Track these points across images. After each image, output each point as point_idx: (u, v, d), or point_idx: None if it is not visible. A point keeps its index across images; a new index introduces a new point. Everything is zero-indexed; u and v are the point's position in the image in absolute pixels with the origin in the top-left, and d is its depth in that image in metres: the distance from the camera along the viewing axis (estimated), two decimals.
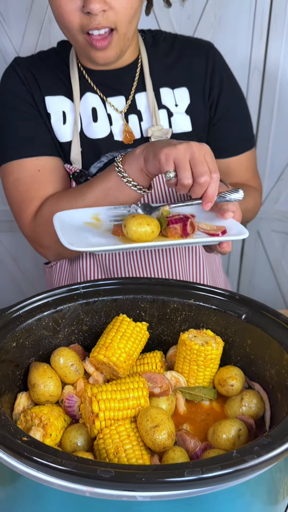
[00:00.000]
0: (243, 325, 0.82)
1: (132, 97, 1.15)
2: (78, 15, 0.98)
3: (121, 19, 0.99)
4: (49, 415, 0.74)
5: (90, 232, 0.95)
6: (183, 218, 0.91)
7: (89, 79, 1.15)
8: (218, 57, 1.20)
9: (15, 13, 1.67)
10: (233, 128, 1.22)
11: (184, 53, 1.18)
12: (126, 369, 0.82)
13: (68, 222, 0.95)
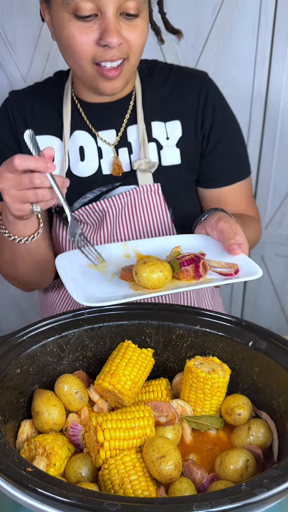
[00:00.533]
0: (251, 352, 0.81)
1: (124, 129, 1.15)
2: (92, 47, 0.97)
3: (133, 51, 1.00)
4: (53, 444, 0.72)
5: (96, 277, 0.91)
6: (195, 258, 0.88)
7: (82, 113, 1.15)
8: (212, 88, 1.19)
9: (23, 41, 1.71)
10: (226, 158, 1.20)
11: (179, 85, 1.17)
12: (131, 397, 0.80)
13: (70, 266, 0.92)
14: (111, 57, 0.97)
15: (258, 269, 0.87)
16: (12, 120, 1.16)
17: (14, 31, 1.70)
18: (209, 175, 1.21)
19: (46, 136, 1.15)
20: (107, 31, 0.94)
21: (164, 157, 1.16)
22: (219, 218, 0.97)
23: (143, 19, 0.99)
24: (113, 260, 0.95)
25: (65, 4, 0.95)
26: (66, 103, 1.15)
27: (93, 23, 0.96)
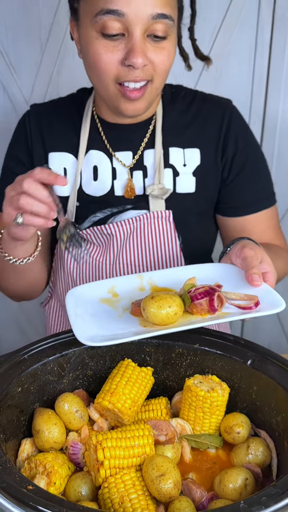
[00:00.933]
0: (249, 371, 0.82)
1: (141, 152, 1.14)
2: (116, 66, 0.97)
3: (158, 73, 0.99)
4: (54, 463, 0.73)
5: (106, 313, 0.86)
6: (209, 291, 0.81)
7: (101, 132, 1.15)
8: (235, 116, 1.17)
9: (25, 65, 1.75)
10: (249, 186, 1.17)
11: (201, 113, 1.15)
12: (131, 416, 0.81)
13: (81, 301, 0.88)
14: (134, 77, 0.96)
15: (281, 301, 0.80)
16: (28, 135, 1.17)
17: (18, 55, 1.74)
18: (231, 203, 1.18)
19: (61, 153, 1.16)
20: (132, 51, 0.94)
21: (179, 184, 1.14)
22: (244, 245, 0.91)
23: (171, 43, 0.99)
24: (126, 293, 0.90)
25: (93, 22, 0.95)
26: (86, 121, 1.14)
27: (119, 42, 0.95)
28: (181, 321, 0.80)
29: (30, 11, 1.69)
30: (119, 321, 0.84)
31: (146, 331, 0.77)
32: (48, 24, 1.70)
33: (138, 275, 0.94)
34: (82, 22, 0.99)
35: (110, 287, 0.91)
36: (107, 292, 0.90)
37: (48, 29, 1.71)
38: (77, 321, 0.81)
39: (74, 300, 0.87)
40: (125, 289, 0.91)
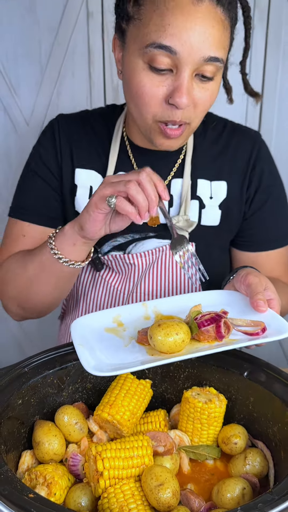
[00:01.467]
0: (246, 382, 0.83)
1: (169, 182, 1.13)
2: (159, 103, 0.94)
3: (198, 115, 0.97)
4: (54, 474, 0.74)
5: (112, 343, 0.84)
6: (216, 317, 0.80)
7: (130, 155, 1.13)
8: (263, 151, 1.16)
9: (26, 86, 1.79)
10: (267, 224, 1.17)
11: (230, 144, 1.14)
12: (130, 427, 0.82)
13: (87, 331, 0.86)
14: (174, 119, 0.94)
15: (286, 327, 0.79)
16: (57, 143, 1.15)
17: (18, 76, 1.79)
18: (247, 238, 1.18)
19: (89, 170, 1.14)
20: (179, 90, 0.90)
21: (204, 217, 1.14)
22: (248, 273, 0.91)
23: (216, 83, 0.96)
24: (132, 322, 0.89)
25: (142, 51, 0.91)
26: (115, 142, 1.13)
27: (166, 78, 0.92)
28: (189, 348, 0.79)
29: (30, 33, 1.74)
30: (126, 350, 0.82)
31: (153, 360, 0.76)
32: (48, 46, 1.75)
33: (143, 303, 0.92)
34: (130, 46, 0.95)
35: (115, 316, 0.90)
36: (112, 322, 0.89)
37: (48, 51, 1.76)
38: (83, 351, 0.79)
39: (79, 330, 0.85)
40: (130, 318, 0.90)
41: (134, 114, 1.01)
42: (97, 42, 1.75)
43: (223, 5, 0.90)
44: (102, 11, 1.73)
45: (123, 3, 0.95)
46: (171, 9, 0.87)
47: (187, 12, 0.87)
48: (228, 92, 1.14)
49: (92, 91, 1.80)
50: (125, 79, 0.99)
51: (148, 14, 0.90)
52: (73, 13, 1.72)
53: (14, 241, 1.16)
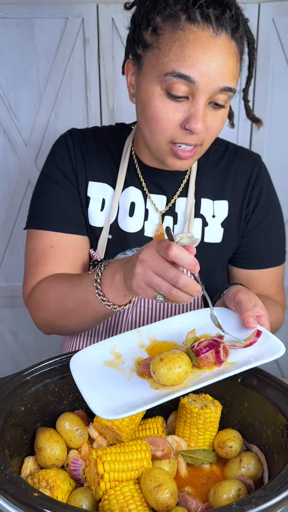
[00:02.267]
0: (240, 388, 0.87)
1: (174, 200, 1.17)
2: (175, 127, 0.98)
3: (209, 139, 1.02)
4: (56, 478, 0.76)
5: (113, 377, 0.84)
6: (213, 343, 0.82)
7: (139, 173, 1.17)
8: (263, 173, 1.21)
9: (25, 109, 1.85)
10: (262, 243, 1.22)
11: (232, 165, 1.20)
12: (129, 433, 0.85)
13: (87, 368, 0.85)
14: (189, 141, 0.99)
15: (280, 346, 0.82)
16: (73, 155, 1.18)
17: (17, 99, 1.85)
18: (243, 255, 1.23)
19: (102, 183, 1.18)
20: (195, 117, 0.95)
21: (207, 234, 1.18)
22: (238, 290, 0.95)
23: (226, 110, 1.02)
24: (129, 353, 0.90)
25: (160, 79, 0.95)
26: (124, 159, 1.17)
27: (182, 104, 0.96)
28: (191, 377, 0.81)
29: (29, 58, 1.81)
30: (130, 385, 0.82)
31: (163, 395, 0.77)
32: (46, 71, 1.82)
33: (136, 330, 0.94)
34: (146, 73, 0.99)
35: (112, 348, 0.91)
36: (109, 354, 0.90)
37: (46, 76, 1.82)
38: (90, 394, 0.78)
39: (80, 368, 0.85)
40: (126, 347, 0.91)
41: (148, 137, 1.04)
42: (93, 66, 1.82)
43: (236, 39, 0.95)
44: (98, 37, 1.80)
45: (140, 31, 0.99)
46: (192, 41, 0.92)
47: (206, 45, 0.92)
48: (231, 118, 1.19)
49: (89, 114, 1.87)
50: (140, 103, 1.03)
51: (168, 44, 0.94)
52: (70, 39, 1.80)
53: (43, 254, 1.15)
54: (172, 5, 0.93)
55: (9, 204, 1.97)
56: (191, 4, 0.92)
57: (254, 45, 1.07)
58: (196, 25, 0.92)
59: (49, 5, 1.76)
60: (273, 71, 1.80)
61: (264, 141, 1.86)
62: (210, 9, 0.92)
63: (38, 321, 1.18)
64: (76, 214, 1.18)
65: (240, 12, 0.97)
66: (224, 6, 0.93)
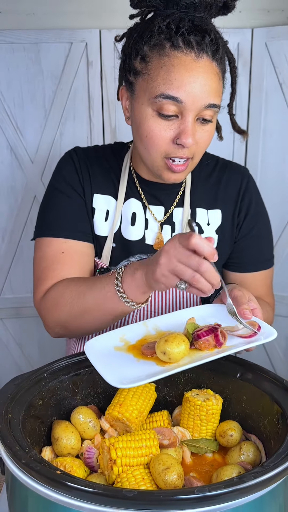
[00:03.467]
0: (239, 383, 0.95)
1: (172, 210, 1.27)
2: (167, 143, 1.07)
3: (199, 151, 1.12)
4: (72, 464, 0.84)
5: (124, 359, 0.94)
6: (212, 329, 0.93)
7: (138, 186, 1.26)
8: (251, 184, 1.32)
9: (31, 128, 1.95)
10: (253, 248, 1.32)
11: (223, 177, 1.30)
12: (137, 424, 0.93)
13: (100, 350, 0.96)
14: (181, 155, 1.08)
15: (272, 331, 0.93)
16: (79, 170, 1.26)
17: (24, 119, 1.95)
18: (236, 259, 1.33)
19: (106, 196, 1.27)
20: (185, 133, 1.04)
21: None
22: (233, 287, 1.05)
23: (213, 124, 1.11)
24: (135, 341, 1.00)
25: (151, 101, 1.05)
26: (124, 174, 1.27)
27: (172, 122, 1.05)
28: (194, 357, 0.90)
29: (35, 81, 1.91)
30: (139, 364, 0.92)
31: (170, 368, 0.87)
32: (52, 92, 1.92)
33: (143, 322, 1.04)
34: (139, 97, 1.09)
35: (121, 336, 1.01)
36: (119, 341, 1.00)
37: (51, 97, 1.93)
38: (102, 368, 0.89)
39: (93, 351, 0.95)
40: (135, 336, 1.01)
41: (144, 154, 1.14)
42: (96, 88, 1.92)
43: (217, 60, 1.06)
44: (100, 60, 1.91)
45: (130, 60, 1.10)
46: (176, 65, 1.03)
47: (190, 67, 1.03)
48: (219, 131, 1.29)
49: (92, 132, 1.97)
50: (135, 125, 1.12)
51: (156, 70, 1.04)
52: (74, 62, 1.90)
53: (53, 260, 1.21)
54: (157, 35, 1.04)
55: (16, 219, 2.06)
56: (173, 33, 1.03)
57: (234, 64, 1.19)
58: (180, 51, 1.03)
59: (54, 30, 1.87)
60: (266, 91, 1.91)
61: (258, 156, 1.97)
62: (191, 35, 1.03)
63: (50, 322, 1.21)
64: (83, 222, 1.25)
65: (219, 35, 1.09)
66: (203, 32, 1.04)
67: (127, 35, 1.13)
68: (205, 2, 1.04)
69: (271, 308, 1.36)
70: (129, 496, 0.63)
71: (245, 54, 1.89)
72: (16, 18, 1.88)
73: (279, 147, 1.95)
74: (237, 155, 1.97)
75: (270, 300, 1.37)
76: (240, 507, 0.66)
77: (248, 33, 1.88)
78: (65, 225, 1.23)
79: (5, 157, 1.98)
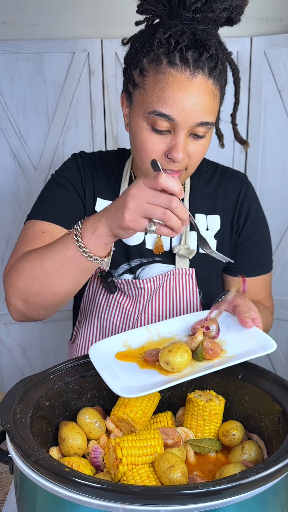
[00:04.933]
0: (240, 383, 0.97)
1: None
2: (160, 156, 1.10)
3: (193, 164, 1.14)
4: (79, 463, 0.86)
5: (128, 366, 0.97)
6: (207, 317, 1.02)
7: None
8: (250, 190, 1.34)
9: (34, 136, 1.98)
10: (252, 253, 1.35)
11: (222, 184, 1.32)
12: (142, 425, 0.95)
13: (104, 356, 0.98)
14: (173, 168, 1.12)
15: (272, 342, 0.95)
16: (82, 172, 1.28)
17: (27, 127, 1.98)
18: (235, 265, 1.35)
19: (107, 201, 1.29)
20: (176, 148, 1.07)
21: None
22: (236, 295, 1.07)
23: (207, 139, 1.13)
24: (138, 346, 1.03)
25: (145, 115, 1.08)
26: (125, 179, 1.30)
27: (165, 137, 1.08)
28: (196, 367, 0.94)
29: (38, 90, 1.94)
30: (142, 372, 0.95)
31: (172, 379, 0.90)
32: (54, 101, 1.96)
33: (146, 327, 1.07)
34: (135, 109, 1.12)
35: (124, 341, 1.03)
36: (122, 346, 1.02)
37: (54, 105, 1.96)
38: (108, 376, 0.91)
39: (97, 356, 0.97)
40: (137, 341, 1.04)
41: (138, 162, 1.18)
42: (98, 96, 1.96)
43: (213, 77, 1.07)
44: (102, 69, 1.95)
45: (130, 70, 1.13)
46: (171, 84, 1.05)
47: (183, 86, 1.05)
48: (220, 139, 1.32)
49: (94, 140, 2.00)
50: (131, 134, 1.16)
51: (151, 86, 1.07)
52: (77, 71, 1.94)
53: (32, 238, 1.18)
54: (156, 48, 1.06)
55: (19, 225, 2.08)
56: (172, 48, 1.04)
57: (238, 75, 1.21)
58: (175, 68, 1.05)
59: (57, 40, 1.91)
60: (265, 99, 1.94)
61: (258, 163, 2.00)
62: (189, 52, 1.04)
63: (10, 294, 1.12)
64: (74, 216, 1.22)
65: (221, 49, 1.09)
66: (202, 48, 1.05)
67: (131, 42, 1.15)
68: (208, 18, 1.06)
69: (270, 312, 1.39)
70: (136, 491, 0.65)
71: (244, 63, 1.93)
72: (20, 28, 1.92)
73: (279, 153, 1.98)
74: (237, 161, 2.01)
75: (269, 304, 1.40)
76: (243, 502, 0.68)
77: (247, 42, 1.91)
78: (55, 210, 1.24)
79: (9, 165, 2.01)
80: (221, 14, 1.06)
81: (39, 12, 1.90)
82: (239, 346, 0.98)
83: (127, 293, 1.31)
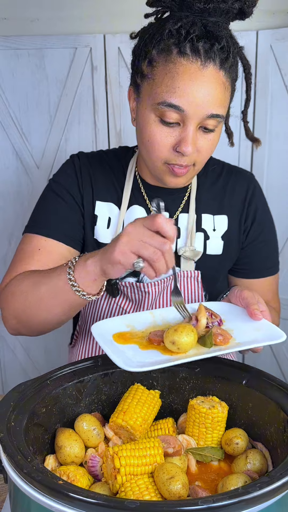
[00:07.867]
0: (244, 389, 0.93)
1: (177, 216, 1.25)
2: (168, 150, 1.07)
3: (201, 159, 1.11)
4: (76, 473, 0.83)
5: (128, 346, 0.96)
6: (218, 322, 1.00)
7: (143, 192, 1.25)
8: (257, 190, 1.31)
9: (36, 134, 1.96)
10: (259, 255, 1.31)
11: (228, 183, 1.29)
12: (142, 432, 0.91)
13: (107, 334, 0.97)
14: (181, 162, 1.08)
15: (281, 333, 0.94)
16: (79, 176, 1.25)
17: (29, 125, 1.95)
18: (243, 266, 1.33)
19: (108, 203, 1.26)
20: (185, 141, 1.04)
21: (209, 247, 1.26)
22: (243, 289, 1.06)
23: (217, 134, 1.10)
24: (143, 328, 1.02)
25: (154, 107, 1.05)
26: (129, 179, 1.26)
27: (174, 129, 1.05)
28: (201, 350, 0.92)
29: (40, 86, 1.91)
30: (143, 352, 0.94)
31: (179, 357, 0.89)
32: (57, 97, 1.92)
33: (150, 312, 1.07)
34: (143, 101, 1.09)
35: (127, 323, 1.03)
36: (126, 327, 1.01)
37: (56, 102, 1.93)
38: (110, 350, 0.90)
39: (100, 333, 0.97)
40: (141, 324, 1.03)
41: (145, 157, 1.14)
42: (101, 92, 1.92)
43: (225, 69, 1.04)
44: (105, 65, 1.91)
45: (138, 62, 1.09)
46: (181, 73, 1.01)
47: (194, 76, 1.01)
48: (230, 137, 1.28)
49: (97, 137, 1.97)
50: (138, 127, 1.13)
51: (161, 76, 1.04)
52: (79, 67, 1.91)
53: (29, 255, 1.18)
54: (166, 39, 1.03)
55: (22, 224, 2.03)
56: (182, 38, 1.01)
57: (249, 70, 1.16)
58: (186, 58, 1.01)
59: (58, 36, 1.87)
60: (272, 94, 1.90)
61: (264, 160, 1.96)
62: (200, 42, 1.01)
63: (6, 313, 1.15)
64: (70, 226, 1.23)
65: (232, 42, 1.06)
66: (213, 39, 1.02)
67: (140, 35, 1.12)
68: (220, 9, 1.02)
69: (277, 312, 1.36)
70: (132, 507, 0.62)
71: (250, 57, 1.86)
72: (21, 24, 1.88)
73: (285, 149, 1.94)
74: (243, 159, 1.96)
75: (276, 305, 1.37)
76: None
77: (253, 35, 1.87)
78: (50, 224, 1.22)
79: (11, 163, 1.99)
80: (234, 5, 1.03)
81: (40, 8, 1.87)
82: (247, 335, 0.97)
83: (129, 297, 1.27)
